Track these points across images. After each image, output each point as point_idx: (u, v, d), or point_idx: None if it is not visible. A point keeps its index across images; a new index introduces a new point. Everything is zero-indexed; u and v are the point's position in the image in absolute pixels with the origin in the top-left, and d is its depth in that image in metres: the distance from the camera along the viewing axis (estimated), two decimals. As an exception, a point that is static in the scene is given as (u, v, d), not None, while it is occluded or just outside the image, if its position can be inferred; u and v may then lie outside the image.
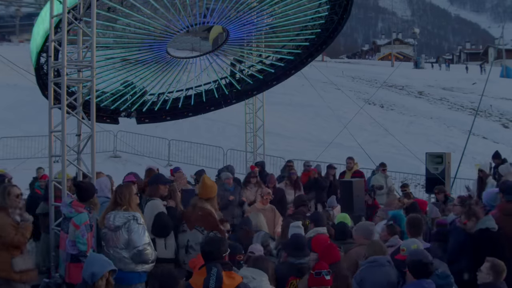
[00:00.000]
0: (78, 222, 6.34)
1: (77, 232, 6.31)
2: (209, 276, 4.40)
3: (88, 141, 7.96)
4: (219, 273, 4.40)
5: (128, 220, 6.22)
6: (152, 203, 7.04)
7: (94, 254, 5.67)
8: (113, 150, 21.28)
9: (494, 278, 5.30)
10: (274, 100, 24.59)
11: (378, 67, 56.80)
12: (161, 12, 11.09)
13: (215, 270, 4.42)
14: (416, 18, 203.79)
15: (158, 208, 6.96)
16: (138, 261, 6.21)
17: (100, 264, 5.00)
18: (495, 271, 5.32)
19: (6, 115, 23.68)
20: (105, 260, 5.09)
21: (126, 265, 6.21)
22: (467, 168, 17.34)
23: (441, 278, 5.09)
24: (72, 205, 6.58)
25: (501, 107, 32.64)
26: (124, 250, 6.21)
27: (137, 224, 6.24)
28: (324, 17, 12.78)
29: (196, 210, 7.14)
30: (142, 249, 6.17)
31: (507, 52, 61.39)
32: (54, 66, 8.16)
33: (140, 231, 6.23)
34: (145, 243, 6.22)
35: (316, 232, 6.89)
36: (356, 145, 17.43)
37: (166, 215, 6.97)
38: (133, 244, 6.18)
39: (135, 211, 6.33)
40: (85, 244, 6.27)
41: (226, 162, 19.23)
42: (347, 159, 13.50)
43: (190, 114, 14.69)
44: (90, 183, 7.37)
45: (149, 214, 6.88)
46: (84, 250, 6.25)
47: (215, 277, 4.39)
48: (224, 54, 13.81)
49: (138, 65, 12.87)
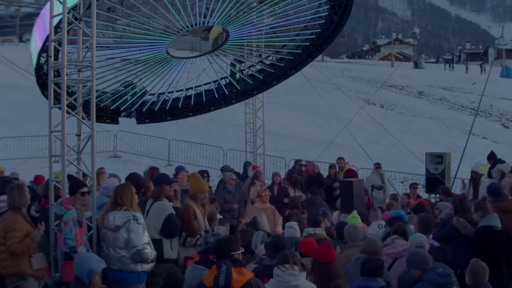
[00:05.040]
0: (66, 219, 6.38)
1: (65, 229, 6.34)
2: (219, 273, 4.54)
3: (88, 141, 7.95)
4: (228, 270, 4.52)
5: (128, 220, 6.23)
6: (161, 204, 6.95)
7: (86, 252, 5.67)
8: (113, 150, 21.27)
9: (474, 280, 5.33)
10: (274, 100, 24.57)
11: (378, 67, 56.77)
12: (161, 12, 11.09)
13: (225, 267, 4.55)
14: (416, 18, 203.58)
15: (168, 210, 6.90)
16: (138, 260, 6.21)
17: (96, 260, 5.04)
18: (474, 274, 5.35)
19: (6, 115, 23.66)
20: (98, 258, 5.17)
21: (125, 265, 6.22)
22: (467, 168, 17.28)
23: (441, 277, 5.10)
24: (62, 203, 6.63)
25: (501, 107, 32.61)
26: (123, 250, 6.22)
27: (137, 224, 6.24)
28: (324, 17, 12.79)
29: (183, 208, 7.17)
30: (141, 248, 6.18)
31: (507, 52, 61.34)
32: (54, 66, 8.16)
33: (139, 231, 6.23)
34: (144, 243, 6.22)
35: (307, 233, 6.90)
36: (356, 145, 17.44)
37: (175, 216, 6.92)
38: (132, 243, 6.18)
39: (135, 211, 6.34)
40: (73, 240, 6.26)
41: (226, 162, 19.22)
42: (338, 159, 13.57)
43: (190, 114, 14.69)
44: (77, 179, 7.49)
45: (157, 215, 6.82)
46: (73, 246, 6.24)
47: (225, 274, 4.52)
48: (224, 54, 13.81)
49: (138, 65, 12.87)
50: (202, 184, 7.34)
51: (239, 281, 4.51)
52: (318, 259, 5.56)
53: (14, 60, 15.33)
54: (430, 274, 5.15)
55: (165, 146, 21.15)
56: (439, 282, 5.05)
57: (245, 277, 4.57)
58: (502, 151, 21.26)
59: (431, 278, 5.10)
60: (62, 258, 6.46)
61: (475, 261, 5.44)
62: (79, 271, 4.90)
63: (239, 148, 19.40)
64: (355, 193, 10.73)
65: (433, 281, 5.08)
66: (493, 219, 7.10)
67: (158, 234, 6.73)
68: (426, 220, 6.77)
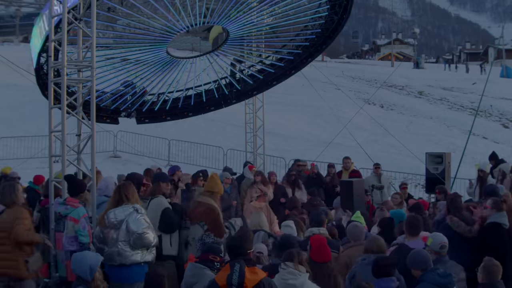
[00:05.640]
0: (77, 216, 6.38)
1: (77, 226, 6.33)
2: (232, 272, 4.56)
3: (88, 141, 7.96)
4: (241, 269, 4.55)
5: (129, 212, 6.23)
6: (156, 200, 7.07)
7: (80, 252, 5.65)
8: (113, 150, 21.26)
9: (488, 279, 5.33)
10: (274, 100, 24.56)
11: (378, 67, 56.77)
12: (161, 12, 11.09)
13: (238, 266, 4.57)
14: (416, 18, 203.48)
15: (163, 205, 7.01)
16: (140, 245, 6.16)
17: (92, 255, 5.05)
18: (488, 272, 5.35)
19: (6, 115, 23.65)
20: (93, 253, 5.18)
21: (126, 257, 6.17)
22: (467, 168, 17.33)
23: (442, 277, 5.09)
24: (67, 202, 6.61)
25: (501, 107, 32.61)
26: (124, 243, 6.19)
27: (137, 213, 6.25)
28: (324, 17, 12.78)
29: (199, 205, 7.18)
30: (141, 232, 6.15)
31: (507, 52, 61.34)
32: (54, 66, 8.16)
33: (139, 218, 6.22)
34: (144, 227, 6.20)
35: (311, 232, 6.90)
36: (356, 145, 17.43)
37: (171, 210, 7.03)
38: (132, 231, 6.16)
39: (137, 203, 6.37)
40: (87, 236, 6.31)
41: (226, 162, 19.23)
42: (344, 158, 13.58)
43: (190, 114, 14.69)
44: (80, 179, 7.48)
45: (153, 211, 6.88)
46: (87, 242, 6.27)
47: (238, 273, 4.54)
48: (224, 54, 13.81)
49: (138, 65, 12.87)
50: (221, 186, 7.63)
51: (252, 280, 4.54)
52: (313, 258, 5.57)
53: (14, 60, 15.32)
54: (430, 275, 5.15)
55: (165, 146, 21.15)
56: (440, 283, 5.04)
57: (258, 276, 4.60)
58: (502, 151, 21.23)
59: (431, 279, 5.09)
60: (68, 258, 6.42)
61: (488, 260, 5.43)
62: (80, 270, 4.90)
63: (239, 148, 19.39)
64: (355, 193, 10.74)
65: (434, 281, 5.07)
66: (502, 217, 7.16)
67: (157, 230, 6.75)
68: (414, 221, 6.74)
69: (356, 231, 6.77)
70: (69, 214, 6.47)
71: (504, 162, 12.38)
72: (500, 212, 7.21)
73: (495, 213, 7.19)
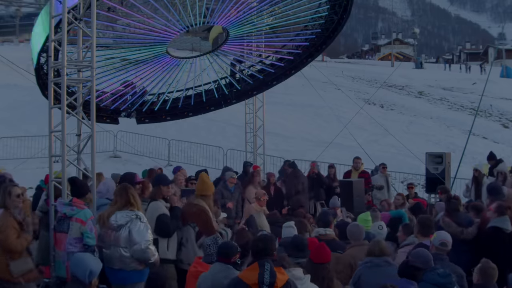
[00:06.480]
0: (84, 218, 6.35)
1: (84, 228, 6.30)
2: (263, 271, 4.54)
3: (88, 141, 7.95)
4: (272, 268, 4.55)
5: (131, 219, 6.23)
6: (154, 205, 7.06)
7: (83, 253, 5.64)
8: (113, 150, 21.27)
9: (483, 280, 5.32)
10: (274, 100, 24.58)
11: (378, 67, 56.79)
12: (161, 12, 11.08)
13: (268, 266, 4.57)
14: (416, 18, 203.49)
15: (159, 210, 6.98)
16: (138, 257, 6.18)
17: (95, 262, 5.03)
18: (484, 274, 5.34)
19: (6, 115, 23.66)
20: (95, 258, 5.17)
21: (127, 264, 6.20)
22: (467, 168, 17.31)
23: (442, 277, 5.09)
24: (72, 203, 6.57)
25: (501, 107, 32.64)
26: (125, 249, 6.20)
27: (140, 222, 6.25)
28: (324, 17, 12.78)
29: (190, 206, 7.18)
30: (144, 247, 6.17)
31: (507, 52, 61.37)
32: (54, 66, 8.15)
33: (142, 229, 6.23)
34: (147, 240, 6.20)
35: (317, 233, 6.90)
36: (356, 145, 17.43)
37: (167, 216, 6.98)
38: (134, 241, 6.17)
39: (140, 211, 6.36)
40: (94, 239, 6.28)
41: (226, 162, 19.23)
42: (355, 158, 13.48)
43: (190, 114, 14.68)
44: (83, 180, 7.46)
45: (150, 215, 6.87)
46: (93, 245, 6.25)
47: (269, 272, 4.53)
48: (224, 54, 13.80)
49: (138, 65, 12.86)
50: (212, 186, 7.53)
51: (282, 280, 4.57)
52: (312, 259, 5.57)
53: (14, 60, 15.30)
54: (430, 274, 5.15)
55: (165, 146, 21.16)
56: (439, 283, 5.04)
57: (285, 276, 4.64)
58: (502, 151, 21.28)
59: (431, 279, 5.09)
60: (69, 259, 6.37)
61: (485, 262, 5.43)
62: (78, 272, 4.88)
63: (239, 148, 19.40)
64: (355, 193, 10.75)
65: (433, 281, 5.07)
66: (505, 221, 7.16)
67: (153, 234, 6.75)
68: (426, 222, 6.76)
69: (356, 231, 6.77)
70: (75, 215, 6.43)
71: (502, 162, 12.38)
72: (503, 216, 7.19)
73: (496, 217, 7.17)
